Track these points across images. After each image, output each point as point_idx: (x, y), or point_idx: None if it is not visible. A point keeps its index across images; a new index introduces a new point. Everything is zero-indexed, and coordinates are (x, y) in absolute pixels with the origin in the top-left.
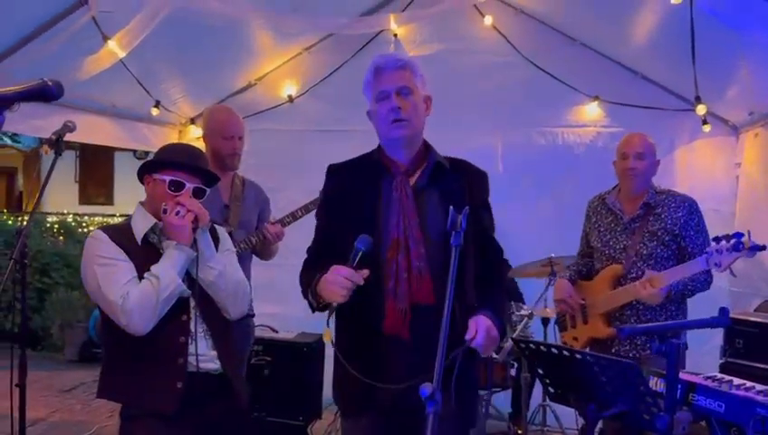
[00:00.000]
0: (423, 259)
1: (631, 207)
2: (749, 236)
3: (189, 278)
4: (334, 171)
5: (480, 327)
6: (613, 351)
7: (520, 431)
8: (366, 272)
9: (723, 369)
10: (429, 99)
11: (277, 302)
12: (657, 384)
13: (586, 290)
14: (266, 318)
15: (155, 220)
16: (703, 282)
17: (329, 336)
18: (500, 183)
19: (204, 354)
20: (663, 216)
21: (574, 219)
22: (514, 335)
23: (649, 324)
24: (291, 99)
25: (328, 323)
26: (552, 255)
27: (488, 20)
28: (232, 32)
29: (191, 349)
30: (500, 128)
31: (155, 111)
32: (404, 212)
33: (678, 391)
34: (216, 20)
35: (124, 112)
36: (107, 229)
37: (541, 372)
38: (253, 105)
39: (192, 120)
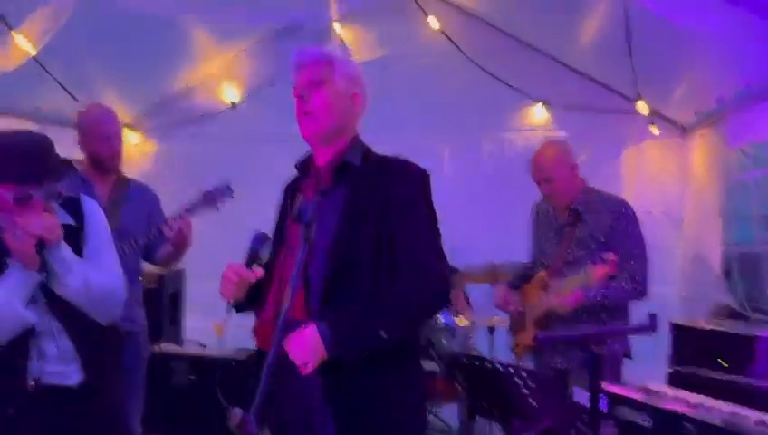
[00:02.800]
0: (298, 268)
1: (562, 214)
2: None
3: (45, 290)
4: (296, 166)
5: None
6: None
7: None
8: (260, 271)
9: (670, 378)
10: (358, 96)
11: (214, 315)
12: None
13: (526, 295)
14: (201, 333)
15: None
16: (627, 292)
17: (219, 332)
18: (446, 189)
19: (57, 371)
20: (589, 221)
21: (520, 224)
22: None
23: (568, 333)
24: (234, 105)
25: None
26: (495, 260)
27: (433, 22)
28: (165, 30)
29: (36, 366)
30: (446, 133)
31: None
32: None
33: (604, 403)
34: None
35: (51, 117)
36: None
37: (465, 384)
38: (191, 110)
39: (128, 126)
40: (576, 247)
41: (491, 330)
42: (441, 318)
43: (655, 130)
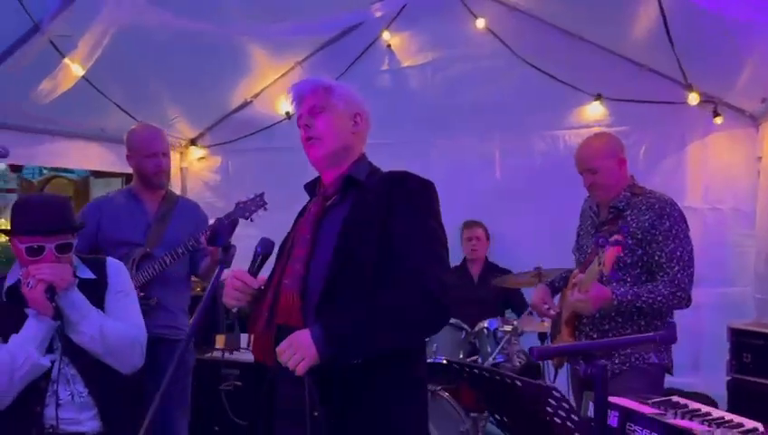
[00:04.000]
0: (296, 277)
1: (604, 211)
2: None
3: (63, 337)
4: (305, 188)
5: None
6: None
7: None
8: (263, 278)
9: (729, 387)
10: (359, 115)
11: None
12: None
13: (564, 297)
14: None
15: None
16: (664, 296)
17: (221, 342)
18: (498, 192)
19: (72, 418)
20: (629, 219)
21: (574, 227)
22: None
23: (566, 344)
24: (288, 115)
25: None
26: (542, 265)
27: (481, 22)
28: (223, 48)
29: (51, 412)
30: (497, 134)
31: None
32: (298, 232)
33: (615, 419)
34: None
35: (115, 136)
36: None
37: (483, 396)
38: (250, 123)
39: (192, 142)
40: None
41: (541, 337)
42: (486, 323)
43: (718, 120)
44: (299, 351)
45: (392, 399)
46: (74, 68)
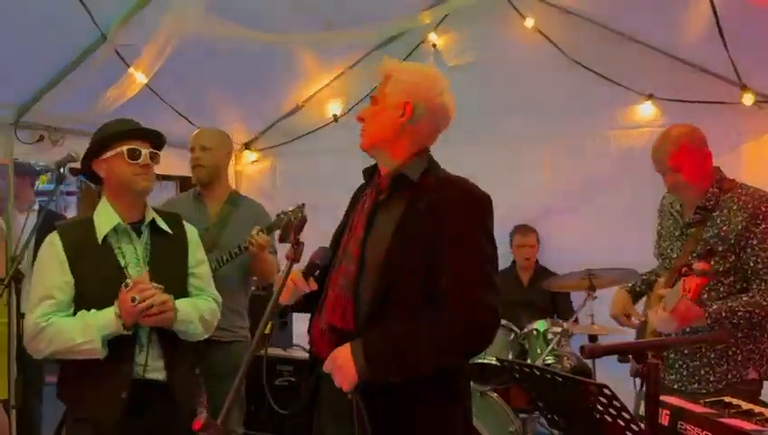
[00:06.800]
0: (350, 278)
1: (690, 211)
2: None
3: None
4: (363, 172)
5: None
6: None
7: None
8: (314, 285)
9: None
10: (409, 104)
11: None
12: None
13: (649, 304)
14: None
15: (118, 220)
16: (762, 307)
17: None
18: (548, 194)
19: (150, 364)
20: (719, 220)
21: (630, 228)
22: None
23: (617, 343)
24: (336, 118)
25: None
26: (591, 268)
27: (530, 22)
28: (276, 55)
29: (139, 358)
30: (546, 135)
31: None
32: (353, 226)
33: (667, 417)
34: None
35: (175, 141)
36: (66, 228)
37: (533, 395)
38: (300, 127)
39: (246, 146)
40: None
41: (592, 339)
42: (535, 325)
43: None
44: (340, 371)
45: (434, 410)
46: (138, 76)
